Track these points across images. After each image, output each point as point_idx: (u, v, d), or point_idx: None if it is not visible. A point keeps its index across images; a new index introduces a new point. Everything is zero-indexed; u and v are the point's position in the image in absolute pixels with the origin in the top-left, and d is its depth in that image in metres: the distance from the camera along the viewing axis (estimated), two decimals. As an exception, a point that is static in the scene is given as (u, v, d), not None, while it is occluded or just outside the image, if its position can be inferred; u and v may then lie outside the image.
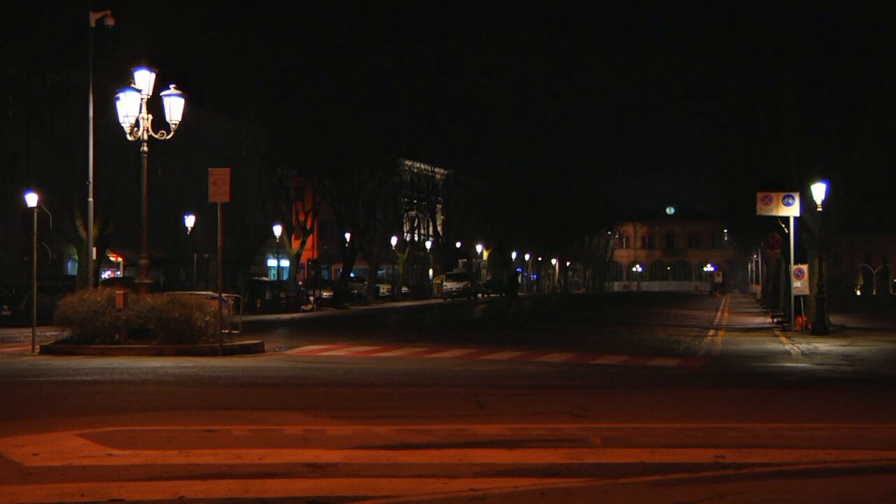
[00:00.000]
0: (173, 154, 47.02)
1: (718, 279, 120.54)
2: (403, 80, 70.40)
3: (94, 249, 36.01)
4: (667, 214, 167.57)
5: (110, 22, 29.76)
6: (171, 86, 25.71)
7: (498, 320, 46.40)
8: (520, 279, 65.70)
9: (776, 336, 34.90)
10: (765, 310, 59.12)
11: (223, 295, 25.97)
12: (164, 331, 24.39)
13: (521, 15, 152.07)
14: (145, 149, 25.70)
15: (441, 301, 77.80)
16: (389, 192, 76.28)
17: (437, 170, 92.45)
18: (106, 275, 50.79)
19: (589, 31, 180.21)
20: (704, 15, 40.34)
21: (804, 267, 36.67)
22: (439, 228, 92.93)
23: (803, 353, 27.12)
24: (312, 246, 78.21)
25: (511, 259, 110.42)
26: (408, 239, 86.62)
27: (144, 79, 25.69)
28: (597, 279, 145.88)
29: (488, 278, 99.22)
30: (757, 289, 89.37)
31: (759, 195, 36.36)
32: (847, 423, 12.69)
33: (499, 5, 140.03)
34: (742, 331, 39.53)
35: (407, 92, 70.89)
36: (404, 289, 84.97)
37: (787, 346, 29.83)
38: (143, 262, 26.54)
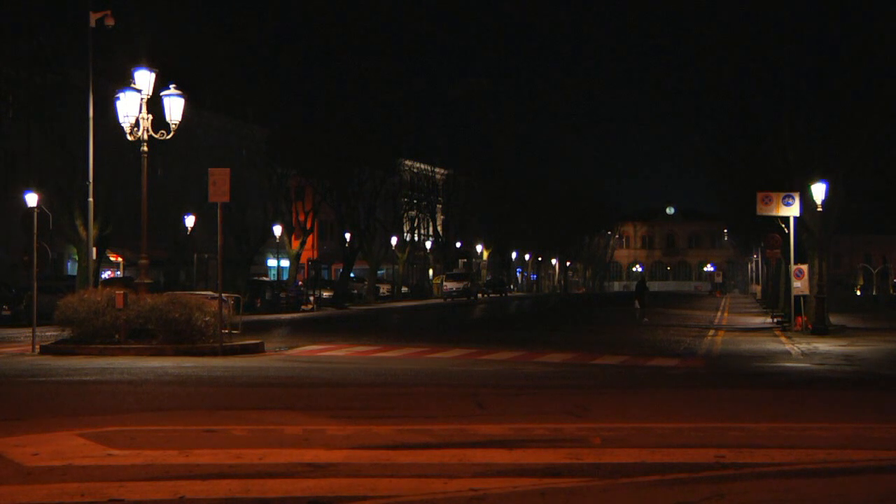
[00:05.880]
0: (173, 154, 47.07)
1: (718, 279, 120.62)
2: (404, 80, 70.41)
3: (94, 249, 36.02)
4: (667, 214, 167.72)
5: (110, 22, 29.76)
6: (171, 86, 25.72)
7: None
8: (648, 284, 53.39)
9: (776, 336, 34.90)
10: (765, 310, 59.11)
11: (223, 295, 25.97)
12: (164, 331, 24.40)
13: (521, 16, 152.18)
14: (145, 149, 25.71)
15: (441, 301, 77.79)
16: (389, 192, 76.26)
17: (437, 170, 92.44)
18: (106, 275, 50.73)
19: (589, 32, 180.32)
20: (706, 17, 40.31)
21: (804, 267, 36.67)
22: (439, 228, 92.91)
23: (803, 354, 27.11)
24: (312, 246, 78.20)
25: (511, 259, 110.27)
26: (408, 239, 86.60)
27: (144, 79, 25.69)
28: (597, 279, 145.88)
29: (488, 278, 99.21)
30: (757, 289, 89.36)
31: (760, 195, 36.36)
32: (847, 423, 12.68)
33: (499, 6, 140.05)
34: (742, 331, 39.53)
35: (407, 92, 70.91)
36: (404, 289, 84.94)
37: (787, 347, 29.82)
38: (143, 262, 26.56)
